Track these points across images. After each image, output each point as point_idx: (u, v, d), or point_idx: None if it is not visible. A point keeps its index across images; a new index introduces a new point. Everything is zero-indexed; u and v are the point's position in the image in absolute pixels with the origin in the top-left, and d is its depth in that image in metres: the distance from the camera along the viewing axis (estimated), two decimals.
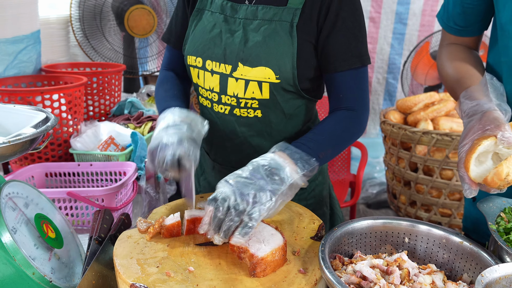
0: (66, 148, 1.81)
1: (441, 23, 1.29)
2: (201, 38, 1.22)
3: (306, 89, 1.22)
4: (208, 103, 1.29)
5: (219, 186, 0.99)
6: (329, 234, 0.96)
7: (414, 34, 3.89)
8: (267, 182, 0.98)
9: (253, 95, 1.20)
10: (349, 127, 1.21)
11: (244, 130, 1.26)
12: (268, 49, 1.15)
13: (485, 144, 0.91)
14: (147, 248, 0.97)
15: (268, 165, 1.01)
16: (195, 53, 1.23)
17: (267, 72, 1.16)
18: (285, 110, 1.24)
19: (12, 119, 1.04)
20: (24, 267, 0.89)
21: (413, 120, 2.74)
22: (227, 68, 1.20)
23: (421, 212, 2.79)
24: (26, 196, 1.04)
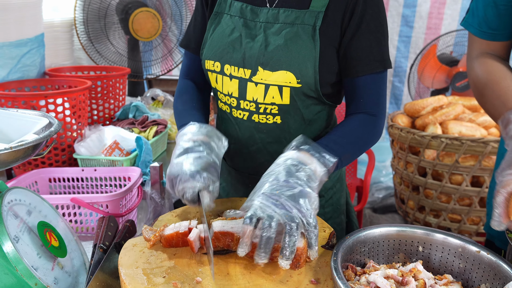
0: (70, 153, 1.79)
1: (471, 30, 1.23)
2: (220, 42, 1.19)
3: (327, 94, 1.19)
4: (227, 108, 1.26)
5: (256, 200, 0.93)
6: (341, 242, 0.93)
7: (421, 37, 3.86)
8: (304, 182, 0.96)
9: (273, 100, 1.17)
10: (369, 132, 1.18)
11: (262, 136, 1.24)
12: (289, 52, 1.12)
13: None
14: (153, 257, 0.94)
15: (297, 164, 0.99)
16: (213, 57, 1.20)
17: (288, 76, 1.13)
18: (305, 116, 1.21)
19: (15, 125, 1.01)
20: (26, 277, 0.86)
21: (421, 124, 2.70)
22: (246, 73, 1.17)
23: (430, 217, 2.75)
24: (29, 203, 1.01)
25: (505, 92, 1.09)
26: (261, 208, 0.91)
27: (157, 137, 1.97)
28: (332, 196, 1.36)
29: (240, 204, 1.19)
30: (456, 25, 3.75)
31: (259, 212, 0.90)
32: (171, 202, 1.65)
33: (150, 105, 2.38)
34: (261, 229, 0.87)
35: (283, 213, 0.89)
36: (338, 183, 1.38)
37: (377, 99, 1.18)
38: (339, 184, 1.39)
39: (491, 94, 1.13)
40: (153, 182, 1.61)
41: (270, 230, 0.87)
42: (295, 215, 0.89)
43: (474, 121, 2.68)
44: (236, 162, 1.33)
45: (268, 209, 0.90)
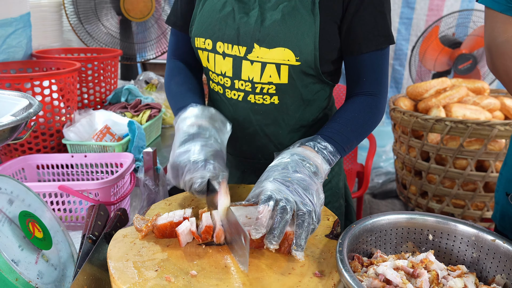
0: (58, 139, 1.71)
1: (496, 7, 1.05)
2: (210, 18, 1.12)
3: (326, 72, 1.13)
4: (219, 89, 1.19)
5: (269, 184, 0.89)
6: (346, 232, 0.87)
7: (422, 19, 3.77)
8: (312, 177, 0.94)
9: (270, 79, 1.10)
10: (372, 115, 1.14)
11: (258, 118, 1.17)
12: (287, 28, 1.05)
13: None
14: (145, 249, 0.87)
15: (304, 159, 0.96)
16: (203, 34, 1.13)
17: (286, 54, 1.06)
18: (303, 96, 1.15)
19: None
20: (6, 272, 0.79)
21: (424, 107, 2.63)
22: (241, 50, 1.10)
23: (432, 203, 2.70)
24: (11, 192, 0.94)
25: None
26: (277, 191, 0.87)
27: (150, 121, 1.90)
28: (330, 180, 1.31)
29: (239, 191, 1.12)
30: (459, 6, 3.66)
31: (276, 194, 0.86)
32: (165, 189, 1.58)
33: (144, 88, 2.30)
34: (279, 212, 0.83)
35: (298, 200, 0.87)
36: (337, 166, 1.34)
37: (380, 78, 1.14)
38: (338, 168, 1.35)
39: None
40: (147, 168, 1.54)
41: (287, 214, 0.83)
42: (308, 203, 0.87)
43: (478, 104, 2.62)
44: (230, 146, 1.26)
45: (283, 193, 0.87)
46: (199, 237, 0.88)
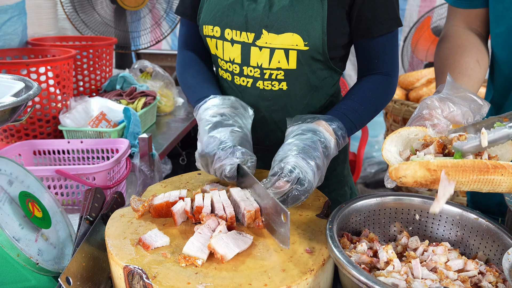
0: (55, 125, 1.73)
1: (448, 0, 1.21)
2: (218, 5, 1.13)
3: (334, 58, 1.15)
4: (228, 76, 1.20)
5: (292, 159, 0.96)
6: (336, 211, 0.90)
7: (415, 10, 3.80)
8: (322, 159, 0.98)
9: (278, 64, 1.12)
10: (384, 93, 1.17)
11: (267, 104, 1.19)
12: (295, 13, 1.07)
13: (411, 130, 0.83)
14: (142, 227, 0.90)
15: (323, 140, 1.01)
16: (212, 22, 1.14)
17: (294, 39, 1.07)
18: (311, 82, 1.17)
19: None
20: (8, 248, 0.82)
21: (415, 96, 2.67)
22: (249, 37, 1.11)
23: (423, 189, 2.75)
24: (10, 173, 0.97)
25: (447, 68, 1.10)
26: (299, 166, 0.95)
27: (145, 108, 1.92)
28: (336, 168, 1.33)
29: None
30: None
31: (298, 171, 0.94)
32: (161, 174, 1.61)
33: (139, 77, 2.31)
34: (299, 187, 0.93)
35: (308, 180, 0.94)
36: (342, 154, 1.34)
37: (392, 59, 1.17)
38: (343, 155, 1.35)
39: (438, 69, 1.15)
40: (142, 154, 1.57)
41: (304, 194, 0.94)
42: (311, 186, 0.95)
43: None
44: None
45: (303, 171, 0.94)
46: (192, 216, 0.91)
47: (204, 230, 0.85)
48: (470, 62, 1.08)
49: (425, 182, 0.71)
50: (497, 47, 1.14)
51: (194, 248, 0.81)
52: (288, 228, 0.82)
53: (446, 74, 1.06)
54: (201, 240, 0.83)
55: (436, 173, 0.69)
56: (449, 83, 0.91)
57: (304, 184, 0.93)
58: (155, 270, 0.76)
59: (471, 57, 1.09)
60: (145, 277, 0.74)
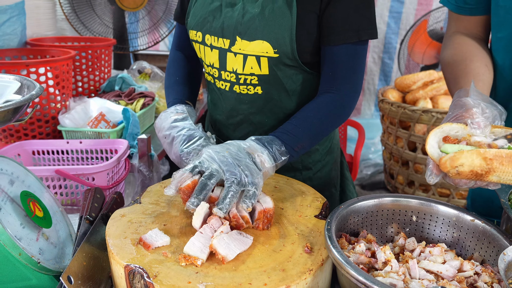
0: (54, 125, 1.73)
1: (448, 6, 1.21)
2: (201, 11, 1.17)
3: (308, 62, 1.15)
4: (211, 79, 1.25)
5: (205, 156, 0.95)
6: (334, 212, 0.91)
7: (411, 13, 3.82)
8: (251, 163, 0.96)
9: (252, 70, 1.14)
10: (332, 113, 1.12)
11: (244, 107, 1.21)
12: (265, 21, 1.09)
13: (453, 126, 0.85)
14: (142, 227, 0.91)
15: (248, 147, 0.99)
16: (195, 27, 1.18)
17: (264, 46, 1.09)
18: (287, 86, 1.18)
19: None
20: (10, 247, 0.83)
21: (412, 98, 2.69)
22: (225, 43, 1.14)
23: (419, 192, 2.77)
24: (11, 173, 0.97)
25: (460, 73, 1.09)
26: (208, 160, 0.94)
27: (144, 109, 1.92)
28: (320, 169, 1.34)
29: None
30: None
31: (206, 163, 0.94)
32: (159, 175, 1.62)
33: (137, 77, 2.32)
34: (202, 176, 0.91)
35: (226, 169, 0.92)
36: (328, 155, 1.36)
37: (348, 74, 1.11)
38: (329, 157, 1.36)
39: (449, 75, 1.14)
40: (141, 154, 1.57)
41: (210, 180, 0.90)
42: (237, 172, 0.92)
43: None
44: (222, 133, 1.32)
45: (213, 163, 0.93)
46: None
47: (206, 230, 0.86)
48: (481, 67, 1.09)
49: (480, 171, 0.75)
50: (498, 52, 1.15)
51: (195, 248, 0.82)
52: None
53: (459, 80, 1.07)
54: (201, 240, 0.83)
55: (492, 162, 0.74)
56: (473, 90, 0.91)
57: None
58: (156, 270, 0.77)
59: (480, 62, 1.10)
60: (146, 276, 0.75)
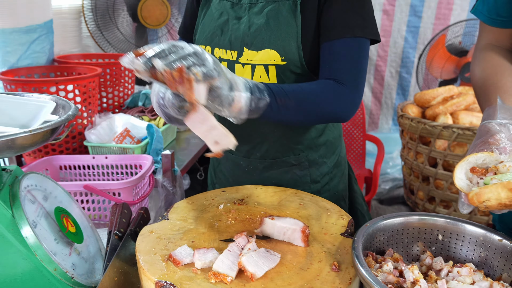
0: (80, 141, 1.77)
1: (481, 17, 1.20)
2: (209, 26, 1.21)
3: (315, 69, 1.18)
4: None
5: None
6: (361, 230, 0.91)
7: (429, 27, 3.82)
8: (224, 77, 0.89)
9: (260, 79, 1.17)
10: (331, 94, 1.08)
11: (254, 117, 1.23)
12: (270, 30, 1.13)
13: (479, 156, 0.84)
14: (171, 244, 0.93)
15: (229, 71, 0.93)
16: (204, 42, 1.22)
17: (272, 55, 1.13)
18: None
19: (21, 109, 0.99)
20: (46, 263, 0.85)
21: (431, 114, 2.68)
22: (233, 54, 1.18)
23: (440, 208, 2.74)
24: (45, 189, 1.00)
25: (491, 88, 1.08)
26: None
27: (167, 125, 1.96)
28: (328, 182, 1.35)
29: (257, 191, 1.18)
30: (466, 15, 3.71)
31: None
32: (182, 190, 1.64)
33: None
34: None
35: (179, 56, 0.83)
36: (336, 168, 1.37)
37: (348, 67, 1.11)
38: (337, 170, 1.37)
39: (479, 90, 1.13)
40: (165, 170, 1.60)
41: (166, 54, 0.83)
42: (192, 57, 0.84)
43: None
44: None
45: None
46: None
47: (233, 248, 0.87)
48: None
49: (509, 202, 0.74)
50: None
51: (224, 266, 0.83)
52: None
53: (490, 96, 1.06)
54: (230, 258, 0.85)
55: None
56: (501, 107, 0.91)
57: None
58: (187, 286, 0.78)
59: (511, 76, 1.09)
60: None
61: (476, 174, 0.83)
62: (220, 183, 1.43)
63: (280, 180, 1.30)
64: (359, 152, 3.19)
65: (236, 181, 1.37)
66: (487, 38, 1.22)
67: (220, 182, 1.43)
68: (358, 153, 3.19)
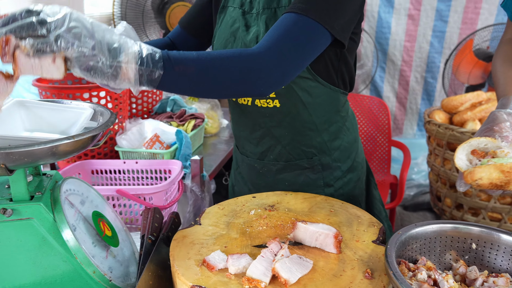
0: (111, 146, 1.81)
1: (507, 12, 1.21)
2: (224, 33, 1.24)
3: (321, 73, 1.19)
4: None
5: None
6: (393, 238, 0.91)
7: (455, 32, 3.77)
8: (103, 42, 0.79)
9: None
10: (238, 59, 0.94)
11: (265, 120, 1.27)
12: None
13: (481, 140, 0.90)
14: (204, 249, 0.95)
15: (117, 39, 0.82)
16: (219, 48, 1.25)
17: None
18: (303, 99, 1.22)
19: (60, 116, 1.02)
20: (85, 265, 0.88)
21: (459, 120, 2.64)
22: None
23: (468, 215, 2.69)
24: (82, 193, 1.03)
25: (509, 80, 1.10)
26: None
27: (195, 130, 1.99)
28: (342, 186, 1.34)
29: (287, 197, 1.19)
30: (494, 19, 3.65)
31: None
32: (210, 195, 1.66)
33: (187, 99, 2.40)
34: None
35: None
36: (351, 173, 1.35)
37: (273, 36, 0.98)
38: (352, 175, 1.36)
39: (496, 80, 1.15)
40: (194, 175, 1.62)
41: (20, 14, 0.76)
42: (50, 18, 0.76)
43: None
44: (246, 148, 1.37)
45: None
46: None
47: (267, 253, 0.88)
48: None
49: (499, 183, 0.81)
50: None
51: (258, 272, 0.84)
52: None
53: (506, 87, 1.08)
54: (264, 264, 0.86)
55: (510, 174, 0.80)
56: None
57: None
58: None
59: None
60: None
61: (476, 156, 0.89)
62: (239, 185, 1.46)
63: (294, 182, 1.32)
64: (384, 158, 3.16)
65: (252, 183, 1.40)
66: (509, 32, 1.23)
67: (239, 184, 1.46)
68: (382, 159, 3.16)
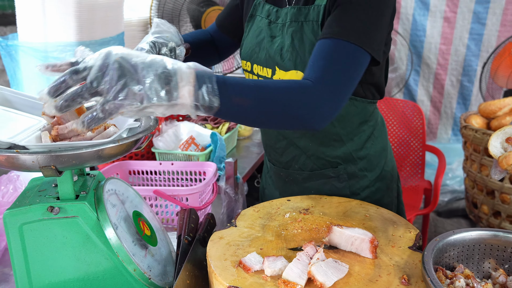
0: (148, 147, 1.86)
1: None
2: (251, 43, 1.26)
3: None
4: None
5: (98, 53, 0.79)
6: (430, 244, 0.91)
7: (494, 35, 3.67)
8: (152, 84, 0.76)
9: None
10: (293, 92, 0.94)
11: (289, 132, 1.28)
12: (295, 51, 1.15)
13: None
14: (240, 250, 0.96)
15: (170, 70, 0.78)
16: (246, 57, 1.27)
17: (299, 75, 1.14)
18: None
19: None
20: (126, 263, 0.91)
21: (497, 125, 2.57)
22: (268, 72, 1.22)
23: (505, 223, 2.62)
24: (122, 193, 1.07)
25: None
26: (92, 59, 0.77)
27: (229, 133, 2.01)
28: (369, 195, 1.32)
29: (322, 201, 1.19)
30: None
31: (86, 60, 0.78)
32: (244, 197, 1.68)
33: None
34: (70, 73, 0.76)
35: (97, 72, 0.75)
36: (379, 182, 1.33)
37: (320, 66, 0.99)
38: (380, 183, 1.34)
39: None
40: (228, 177, 1.65)
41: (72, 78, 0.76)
42: (106, 83, 0.75)
43: None
44: (272, 157, 1.38)
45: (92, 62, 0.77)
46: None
47: (302, 257, 0.89)
48: None
49: None
50: None
51: (293, 274, 0.85)
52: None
53: None
54: (299, 267, 0.87)
55: None
56: None
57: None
58: None
59: None
60: None
61: (510, 144, 0.92)
62: (269, 188, 1.47)
63: (320, 191, 1.31)
64: (417, 163, 3.10)
65: (280, 189, 1.41)
66: None
67: (269, 187, 1.48)
68: (416, 164, 3.11)
